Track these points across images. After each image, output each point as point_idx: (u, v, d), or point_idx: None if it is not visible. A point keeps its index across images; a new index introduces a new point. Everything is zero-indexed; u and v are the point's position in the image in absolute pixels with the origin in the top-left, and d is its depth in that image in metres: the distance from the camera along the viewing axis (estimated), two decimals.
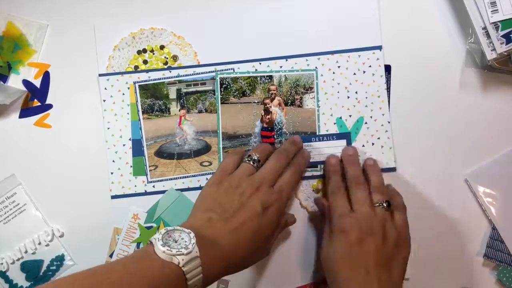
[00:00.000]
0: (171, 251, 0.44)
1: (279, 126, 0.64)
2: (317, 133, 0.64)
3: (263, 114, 0.64)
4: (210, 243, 0.48)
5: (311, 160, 0.63)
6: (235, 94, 0.65)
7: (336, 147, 0.64)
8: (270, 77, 0.65)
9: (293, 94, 0.64)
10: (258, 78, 0.65)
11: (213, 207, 0.52)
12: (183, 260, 0.44)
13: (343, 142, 0.64)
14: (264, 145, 0.61)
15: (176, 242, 0.46)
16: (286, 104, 0.64)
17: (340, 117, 0.64)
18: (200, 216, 0.52)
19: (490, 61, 0.59)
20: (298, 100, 0.64)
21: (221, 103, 0.65)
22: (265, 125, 0.64)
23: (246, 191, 0.53)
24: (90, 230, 0.65)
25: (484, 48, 0.59)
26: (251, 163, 0.57)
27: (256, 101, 0.65)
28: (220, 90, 0.65)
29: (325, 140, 0.64)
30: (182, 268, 0.44)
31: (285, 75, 0.64)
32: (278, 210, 0.54)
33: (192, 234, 0.46)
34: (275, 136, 0.64)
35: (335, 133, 0.64)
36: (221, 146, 0.64)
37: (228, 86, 0.64)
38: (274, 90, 0.64)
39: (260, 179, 0.55)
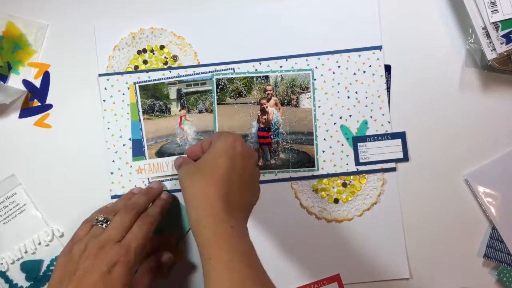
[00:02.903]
0: None
1: (276, 126, 0.64)
2: (314, 133, 0.64)
3: (259, 114, 0.64)
4: None
5: (367, 160, 0.63)
6: (231, 94, 0.65)
7: (391, 147, 0.64)
8: (266, 77, 0.65)
9: (289, 94, 0.64)
10: (254, 79, 0.65)
11: (63, 278, 0.51)
12: None
13: (398, 142, 0.63)
14: (112, 203, 0.60)
15: None
16: (282, 104, 0.64)
17: (345, 125, 0.64)
18: None
19: (490, 61, 0.59)
20: (295, 100, 0.64)
21: (218, 103, 0.65)
22: (261, 126, 0.64)
23: (91, 253, 0.51)
24: None
25: (484, 48, 0.59)
26: (98, 225, 0.55)
27: (252, 102, 0.65)
28: (217, 91, 0.65)
29: (379, 140, 0.64)
30: None
31: (281, 75, 0.64)
32: (127, 264, 0.52)
33: None
34: (272, 136, 0.64)
35: (389, 133, 0.64)
36: None
37: (224, 87, 0.65)
38: (270, 90, 0.64)
39: (105, 237, 0.53)
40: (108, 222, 0.55)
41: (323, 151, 0.64)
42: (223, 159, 0.52)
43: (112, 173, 0.65)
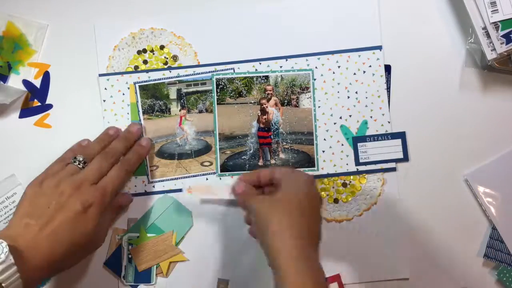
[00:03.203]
0: None
1: (276, 126, 0.64)
2: (314, 133, 0.64)
3: (259, 114, 0.64)
4: (27, 249, 0.49)
5: (367, 160, 0.63)
6: (231, 94, 0.65)
7: (391, 147, 0.64)
8: (266, 77, 0.65)
9: (289, 94, 0.64)
10: (254, 79, 0.65)
11: (31, 211, 0.52)
12: None
13: (398, 142, 0.63)
14: (91, 144, 0.61)
15: None
16: (282, 104, 0.64)
17: (344, 125, 0.64)
18: (17, 222, 0.52)
19: (490, 61, 0.59)
20: (295, 100, 0.64)
21: (218, 103, 0.65)
22: (261, 126, 0.64)
23: (65, 191, 0.53)
24: None
25: (484, 48, 0.59)
26: (76, 164, 0.56)
27: (252, 102, 0.65)
28: (217, 91, 0.65)
29: (379, 140, 0.64)
30: None
31: (281, 75, 0.64)
32: (101, 206, 0.54)
33: (4, 244, 0.46)
34: (272, 136, 0.64)
35: (389, 133, 0.63)
36: (218, 147, 0.64)
37: (224, 87, 0.65)
38: (270, 90, 0.64)
39: (82, 178, 0.54)
40: (86, 164, 0.56)
41: (323, 151, 0.64)
42: (305, 198, 0.54)
43: None
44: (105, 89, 0.65)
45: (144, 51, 0.66)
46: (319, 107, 0.64)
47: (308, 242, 0.51)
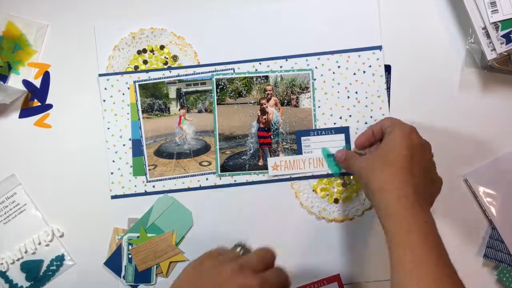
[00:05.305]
0: None
1: (276, 126, 0.64)
2: None
3: (259, 114, 0.64)
4: None
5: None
6: (231, 95, 0.65)
7: (334, 141, 0.64)
8: (266, 77, 0.65)
9: (289, 94, 0.64)
10: (254, 79, 0.65)
11: None
12: None
13: (341, 137, 0.64)
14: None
15: None
16: (282, 104, 0.64)
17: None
18: None
19: (490, 61, 0.59)
20: (294, 100, 0.64)
21: (218, 104, 0.65)
22: (261, 126, 0.64)
23: (225, 272, 0.48)
24: (90, 230, 0.65)
25: (484, 48, 0.59)
26: (237, 250, 0.51)
27: (252, 102, 0.65)
28: (216, 91, 0.65)
29: (323, 135, 0.64)
30: None
31: (281, 75, 0.64)
32: None
33: None
34: (272, 136, 0.64)
35: (333, 127, 0.64)
36: (218, 147, 0.64)
37: (224, 87, 0.65)
38: (270, 91, 0.64)
39: (243, 263, 0.48)
40: (246, 251, 0.51)
41: None
42: (403, 150, 0.52)
43: (112, 173, 0.65)
44: (105, 89, 0.65)
45: (144, 51, 0.66)
46: (319, 107, 0.64)
47: (417, 198, 0.50)
